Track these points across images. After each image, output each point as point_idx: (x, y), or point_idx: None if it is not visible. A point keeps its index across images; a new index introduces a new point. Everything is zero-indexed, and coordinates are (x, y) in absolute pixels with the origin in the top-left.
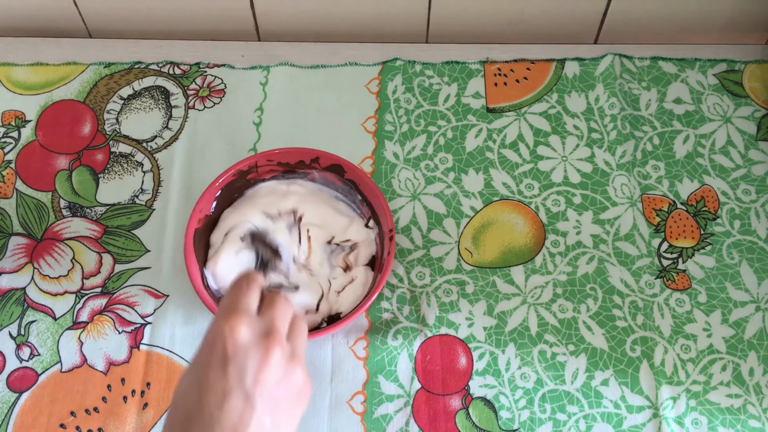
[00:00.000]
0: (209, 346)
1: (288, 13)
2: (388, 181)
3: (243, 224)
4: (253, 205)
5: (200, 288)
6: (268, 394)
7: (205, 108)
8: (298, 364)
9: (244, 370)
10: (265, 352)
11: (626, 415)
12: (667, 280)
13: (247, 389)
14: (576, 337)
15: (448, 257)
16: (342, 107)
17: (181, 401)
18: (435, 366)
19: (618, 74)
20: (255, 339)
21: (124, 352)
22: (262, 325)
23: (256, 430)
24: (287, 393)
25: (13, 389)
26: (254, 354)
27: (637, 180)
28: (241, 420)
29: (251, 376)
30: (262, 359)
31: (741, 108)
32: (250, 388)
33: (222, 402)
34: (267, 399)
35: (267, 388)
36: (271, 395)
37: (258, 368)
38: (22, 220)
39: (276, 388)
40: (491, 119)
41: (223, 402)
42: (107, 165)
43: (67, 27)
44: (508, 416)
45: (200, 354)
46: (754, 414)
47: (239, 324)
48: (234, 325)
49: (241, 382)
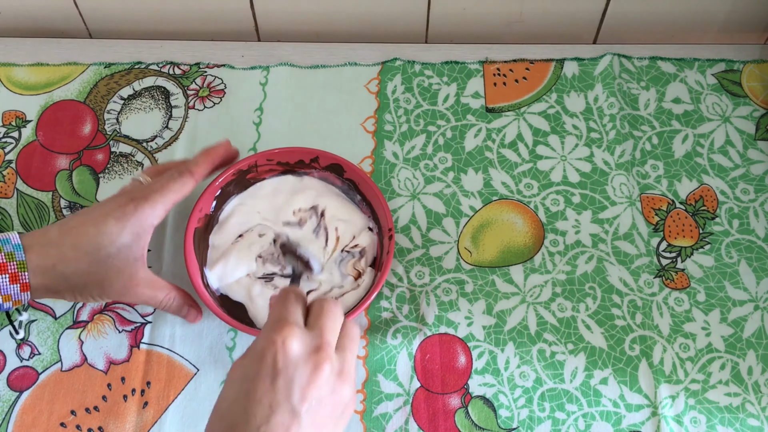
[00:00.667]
0: (259, 358)
1: (288, 14)
2: (387, 181)
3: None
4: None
5: (200, 287)
6: (315, 411)
7: (205, 108)
8: (347, 381)
9: (293, 386)
10: (315, 368)
11: (625, 414)
12: (666, 279)
13: (294, 405)
14: (575, 336)
15: (447, 256)
16: (341, 107)
17: (227, 412)
18: (434, 365)
19: (617, 74)
20: (305, 354)
21: (124, 351)
22: (312, 338)
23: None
24: (333, 410)
25: (13, 388)
26: (304, 369)
27: (636, 179)
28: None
29: (299, 392)
30: (311, 375)
31: (740, 108)
32: (297, 404)
33: (269, 416)
34: (313, 416)
35: (314, 404)
36: (317, 412)
37: (306, 384)
38: (22, 220)
39: (322, 406)
40: (490, 119)
41: (270, 416)
42: (107, 165)
43: (67, 27)
44: (507, 415)
45: (248, 364)
46: (753, 413)
47: (291, 337)
48: (286, 338)
49: (289, 397)
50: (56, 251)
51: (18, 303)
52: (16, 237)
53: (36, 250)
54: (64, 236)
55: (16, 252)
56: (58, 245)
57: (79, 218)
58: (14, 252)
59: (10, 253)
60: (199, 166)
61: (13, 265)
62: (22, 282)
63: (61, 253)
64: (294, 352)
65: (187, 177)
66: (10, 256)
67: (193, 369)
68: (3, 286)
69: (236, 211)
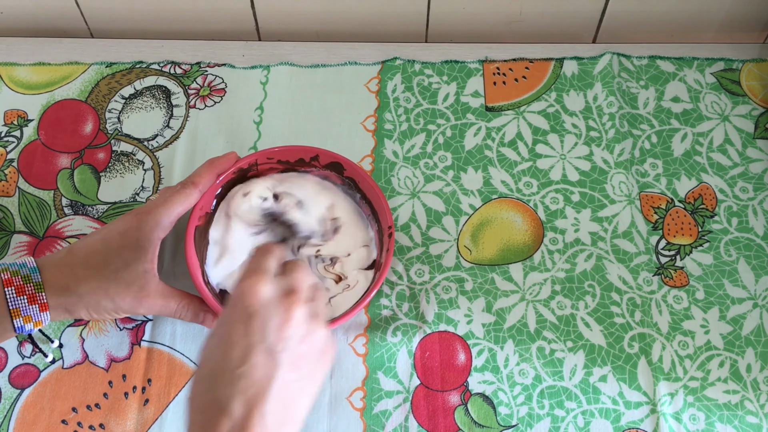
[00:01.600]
0: (233, 305)
1: (288, 13)
2: (387, 179)
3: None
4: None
5: (201, 285)
6: (292, 350)
7: (205, 107)
8: (320, 324)
9: (267, 327)
10: (287, 309)
11: (624, 411)
12: (665, 277)
13: (270, 345)
14: (574, 334)
15: (447, 255)
16: (342, 106)
17: (207, 359)
18: (434, 362)
19: (616, 73)
20: (277, 297)
21: (125, 348)
22: (284, 284)
23: (280, 386)
24: (310, 351)
25: (15, 385)
26: (277, 311)
27: (635, 178)
28: (264, 376)
29: (274, 333)
30: (284, 316)
31: (738, 106)
32: (273, 344)
33: (246, 358)
34: (290, 355)
35: (290, 344)
36: (294, 352)
37: (280, 325)
38: (24, 219)
39: (299, 346)
40: (490, 118)
41: (246, 358)
42: (109, 163)
43: (69, 27)
44: (506, 412)
45: (224, 314)
46: (752, 410)
47: (263, 282)
48: (256, 283)
49: (264, 339)
50: (69, 271)
51: (39, 324)
52: (31, 261)
53: (51, 271)
54: (74, 256)
55: (33, 274)
56: (70, 265)
57: (88, 239)
58: (31, 274)
59: (26, 275)
60: (203, 178)
61: (30, 287)
62: (40, 302)
63: (73, 272)
64: (266, 295)
65: (190, 189)
66: (27, 279)
67: (194, 366)
68: (22, 307)
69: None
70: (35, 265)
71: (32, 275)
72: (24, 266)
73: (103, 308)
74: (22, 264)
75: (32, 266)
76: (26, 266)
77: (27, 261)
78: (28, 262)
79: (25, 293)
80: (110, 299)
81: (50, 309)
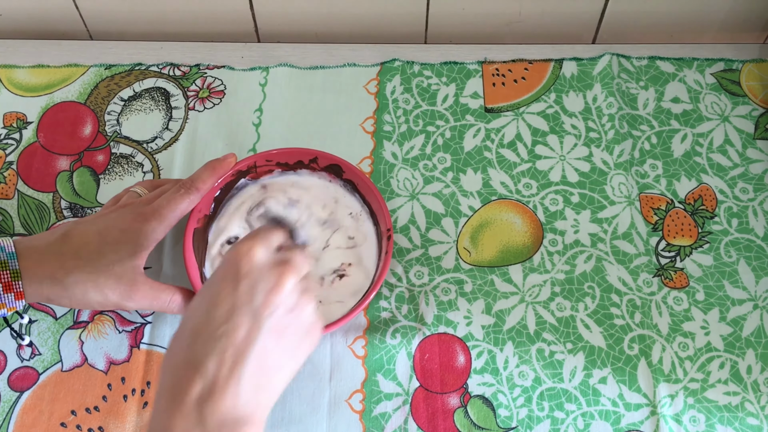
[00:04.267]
0: (224, 265)
1: (287, 15)
2: (386, 181)
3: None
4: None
5: (199, 287)
6: (277, 319)
7: (205, 109)
8: (311, 302)
9: (255, 290)
10: (279, 276)
11: (624, 413)
12: (665, 279)
13: (255, 309)
14: (574, 336)
15: (446, 256)
16: (341, 108)
17: (189, 317)
18: (433, 364)
19: (616, 74)
20: (271, 263)
21: (124, 351)
22: (280, 255)
23: (260, 351)
24: (296, 325)
25: (14, 388)
26: (268, 276)
27: (634, 179)
28: (246, 337)
29: (261, 297)
30: (275, 283)
31: (738, 107)
32: (258, 308)
33: (229, 317)
34: (275, 324)
35: (276, 312)
36: (280, 322)
37: (270, 291)
38: (23, 221)
39: (285, 316)
40: (489, 119)
41: (230, 317)
42: (108, 166)
43: (68, 29)
44: (506, 414)
45: (214, 273)
46: (752, 411)
47: (258, 246)
48: (252, 247)
49: (251, 301)
50: (55, 259)
51: (13, 309)
52: (10, 245)
53: (33, 258)
54: (65, 244)
55: (10, 261)
56: (59, 253)
57: (83, 227)
58: (8, 261)
59: (4, 261)
60: (205, 183)
61: (6, 274)
62: (16, 291)
63: (61, 262)
64: (259, 258)
65: (194, 194)
66: (4, 265)
67: None
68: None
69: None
70: (13, 251)
71: (9, 261)
72: (2, 250)
73: (89, 300)
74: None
75: (10, 251)
76: (4, 251)
77: (5, 245)
78: (6, 247)
79: (1, 281)
80: (99, 291)
81: (27, 296)
